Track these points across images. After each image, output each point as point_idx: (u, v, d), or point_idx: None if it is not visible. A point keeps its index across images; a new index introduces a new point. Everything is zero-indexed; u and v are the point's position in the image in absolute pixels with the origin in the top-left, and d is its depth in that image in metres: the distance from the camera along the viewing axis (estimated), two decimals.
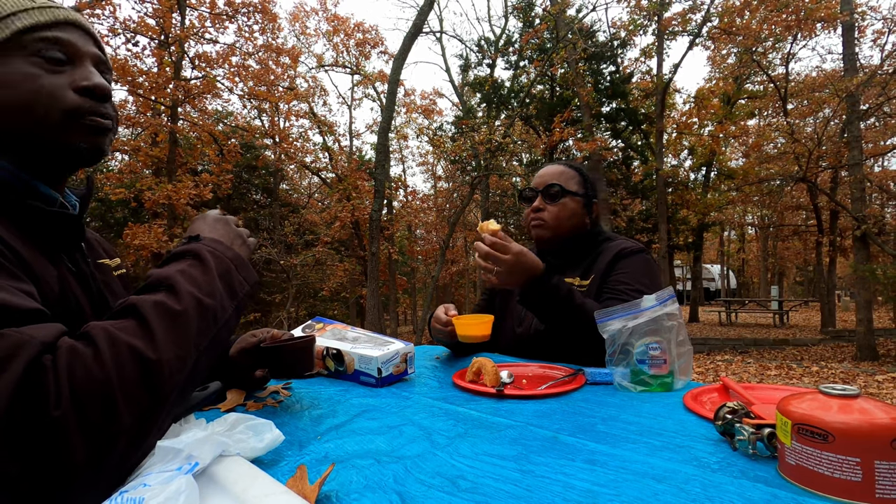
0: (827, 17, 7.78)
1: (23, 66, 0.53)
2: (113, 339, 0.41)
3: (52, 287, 0.52)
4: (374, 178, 8.08)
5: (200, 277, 0.50)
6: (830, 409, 0.43)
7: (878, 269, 6.76)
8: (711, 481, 0.46)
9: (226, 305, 0.52)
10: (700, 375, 5.60)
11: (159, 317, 0.44)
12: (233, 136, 11.17)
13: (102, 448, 0.38)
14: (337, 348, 0.92)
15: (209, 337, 0.49)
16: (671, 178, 12.41)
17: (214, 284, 0.51)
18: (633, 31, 10.56)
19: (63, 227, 0.58)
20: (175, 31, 7.95)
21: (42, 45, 0.54)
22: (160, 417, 0.43)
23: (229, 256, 0.56)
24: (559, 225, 1.23)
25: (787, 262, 24.35)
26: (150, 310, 0.45)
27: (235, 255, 0.58)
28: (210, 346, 0.49)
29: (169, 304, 0.46)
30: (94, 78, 0.57)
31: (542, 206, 1.24)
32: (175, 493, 0.36)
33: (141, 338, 0.42)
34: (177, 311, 0.46)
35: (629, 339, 0.82)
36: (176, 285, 0.48)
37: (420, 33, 8.32)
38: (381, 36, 13.84)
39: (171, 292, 0.47)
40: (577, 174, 1.27)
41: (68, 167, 0.60)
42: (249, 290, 0.56)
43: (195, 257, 0.53)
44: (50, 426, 0.35)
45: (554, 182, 1.23)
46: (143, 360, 0.41)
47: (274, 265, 11.05)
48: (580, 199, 1.24)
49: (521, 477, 0.48)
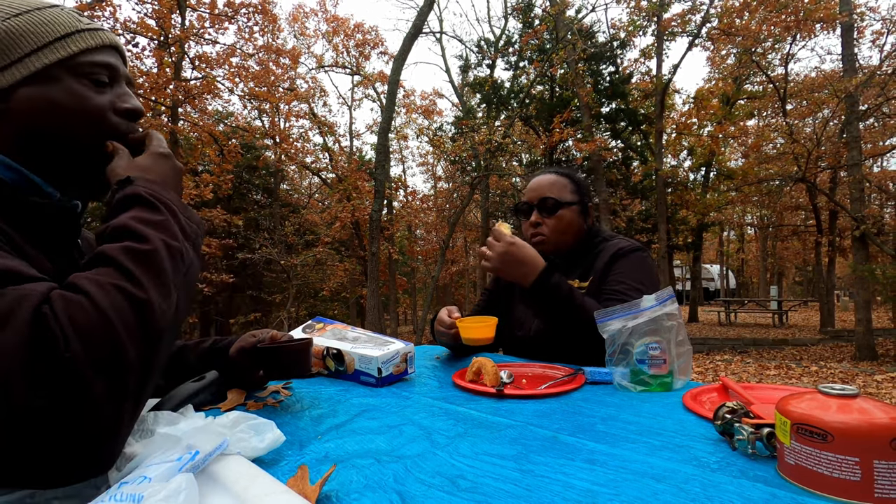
0: (826, 18, 7.79)
1: (74, 85, 0.56)
2: (99, 284, 0.42)
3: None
4: (374, 179, 8.09)
5: (155, 219, 0.50)
6: (829, 408, 0.43)
7: (878, 269, 6.76)
8: (711, 481, 0.46)
9: (185, 247, 0.52)
10: (699, 375, 5.61)
11: (133, 260, 0.45)
12: (233, 137, 11.17)
13: (117, 383, 0.40)
14: (337, 348, 0.92)
15: (181, 275, 0.49)
16: (671, 179, 12.42)
17: (170, 225, 0.51)
18: (633, 32, 10.58)
19: (61, 221, 0.58)
20: (175, 32, 7.95)
21: (92, 68, 0.57)
22: (159, 357, 0.44)
23: (170, 198, 0.54)
24: (560, 238, 1.22)
25: (786, 263, 24.38)
26: (122, 254, 0.45)
27: (175, 196, 0.56)
28: (184, 285, 0.49)
29: (137, 246, 0.46)
30: (131, 101, 0.61)
31: (539, 220, 1.23)
32: (175, 492, 0.36)
33: (125, 280, 0.43)
34: (147, 251, 0.46)
35: (629, 338, 0.82)
36: (136, 230, 0.48)
37: (420, 34, 8.33)
38: (381, 37, 13.88)
39: (135, 238, 0.47)
40: (569, 181, 1.26)
41: (94, 180, 0.61)
42: (199, 231, 0.56)
43: (141, 202, 0.52)
44: (64, 365, 0.37)
45: (548, 195, 1.22)
46: (133, 298, 0.42)
47: (274, 265, 11.06)
48: (576, 206, 1.24)
49: (520, 476, 0.48)
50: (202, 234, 0.57)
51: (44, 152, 0.56)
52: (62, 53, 0.55)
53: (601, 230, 1.29)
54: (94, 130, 0.57)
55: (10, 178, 0.54)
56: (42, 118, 0.54)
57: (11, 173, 0.54)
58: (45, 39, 0.54)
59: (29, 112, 0.54)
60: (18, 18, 0.54)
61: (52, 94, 0.54)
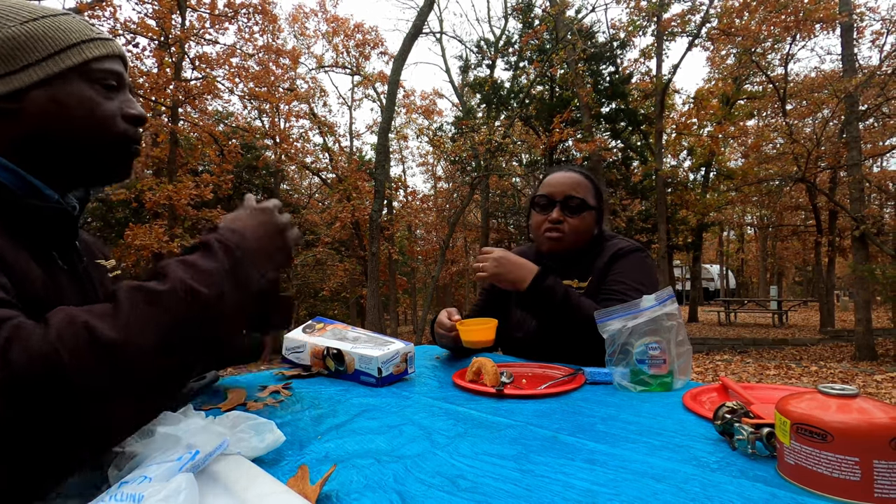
0: (826, 18, 7.79)
1: (86, 90, 0.58)
2: (71, 319, 0.39)
3: (34, 285, 0.51)
4: (375, 179, 8.09)
5: (200, 266, 0.48)
6: (829, 408, 0.43)
7: (877, 269, 6.76)
8: (711, 481, 0.46)
9: (228, 297, 0.48)
10: (699, 375, 5.61)
11: (133, 299, 0.42)
12: (233, 137, 11.17)
13: (39, 434, 0.36)
14: (337, 348, 0.92)
15: (199, 327, 0.45)
16: (670, 179, 12.42)
17: (215, 274, 0.48)
18: (633, 32, 10.58)
19: (57, 223, 0.58)
20: (175, 32, 7.96)
21: (103, 75, 0.60)
22: (127, 401, 0.41)
23: (244, 247, 0.53)
24: (578, 239, 1.20)
25: (786, 263, 24.37)
26: (126, 293, 0.43)
27: (252, 247, 0.54)
28: (203, 338, 0.46)
29: (150, 287, 0.44)
30: (137, 107, 0.63)
31: (561, 217, 1.18)
32: (175, 491, 0.36)
33: (105, 318, 0.40)
34: (156, 293, 0.43)
35: (629, 339, 0.82)
36: (167, 271, 0.46)
37: (420, 34, 8.33)
38: (381, 37, 13.85)
39: (160, 278, 0.46)
40: (592, 185, 1.24)
41: (98, 183, 0.63)
42: (265, 286, 0.53)
43: (204, 247, 0.51)
44: None
45: (574, 194, 1.18)
46: (97, 338, 0.39)
47: None
48: (595, 212, 1.22)
49: (520, 476, 0.48)
50: (272, 288, 0.54)
51: (49, 154, 0.56)
52: (76, 59, 0.57)
53: (601, 230, 1.29)
54: (102, 134, 0.59)
55: (7, 180, 0.54)
56: (53, 120, 0.56)
57: (8, 175, 0.54)
58: (62, 45, 0.56)
59: (41, 113, 0.55)
60: (36, 23, 0.55)
61: (66, 97, 0.56)
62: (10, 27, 0.54)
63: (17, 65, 0.54)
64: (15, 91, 0.54)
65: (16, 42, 0.54)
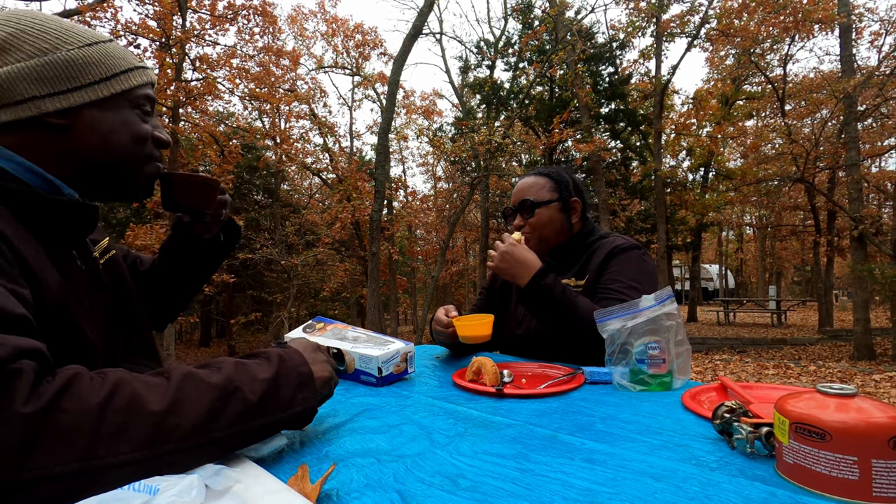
0: (824, 19, 7.80)
1: (129, 114, 0.64)
2: (121, 382, 0.42)
3: (52, 290, 0.53)
4: (375, 179, 8.08)
5: (253, 372, 0.49)
6: (828, 408, 0.43)
7: (876, 268, 6.76)
8: (710, 480, 0.46)
9: (268, 409, 0.49)
10: (698, 375, 5.61)
11: (181, 382, 0.44)
12: (234, 137, 11.17)
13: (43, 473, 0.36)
14: (337, 348, 0.92)
15: (233, 427, 0.46)
16: (670, 179, 12.43)
17: (264, 384, 0.49)
18: (632, 33, 10.58)
19: (82, 217, 0.61)
20: (176, 34, 7.95)
21: (143, 100, 0.66)
22: (148, 466, 0.41)
23: (298, 369, 0.54)
24: (543, 235, 1.25)
25: (784, 262, 24.40)
26: (179, 374, 0.45)
27: (307, 372, 0.55)
28: (235, 439, 0.47)
29: (201, 375, 0.46)
30: (164, 133, 0.69)
31: (522, 222, 1.26)
32: (188, 487, 0.38)
33: (151, 391, 0.42)
34: (205, 384, 0.45)
35: (628, 338, 0.82)
36: (221, 366, 0.49)
37: (420, 35, 8.33)
38: (381, 37, 13.80)
39: (213, 369, 0.48)
40: (548, 180, 1.27)
41: (122, 199, 0.68)
42: (304, 410, 0.53)
43: (265, 357, 0.53)
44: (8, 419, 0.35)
45: (524, 197, 1.25)
46: (141, 405, 0.41)
47: (275, 265, 11.04)
48: (556, 203, 1.24)
49: (520, 475, 0.48)
50: (310, 414, 0.55)
51: (84, 169, 0.61)
52: (125, 85, 0.63)
53: (598, 229, 1.29)
54: (136, 154, 0.65)
55: (33, 182, 0.57)
56: (97, 139, 0.61)
57: (34, 177, 0.57)
58: (113, 71, 0.62)
59: (88, 132, 0.60)
60: (91, 48, 0.61)
61: (112, 119, 0.62)
62: (71, 50, 0.59)
63: (74, 84, 0.59)
64: (68, 108, 0.58)
65: (75, 64, 0.59)
